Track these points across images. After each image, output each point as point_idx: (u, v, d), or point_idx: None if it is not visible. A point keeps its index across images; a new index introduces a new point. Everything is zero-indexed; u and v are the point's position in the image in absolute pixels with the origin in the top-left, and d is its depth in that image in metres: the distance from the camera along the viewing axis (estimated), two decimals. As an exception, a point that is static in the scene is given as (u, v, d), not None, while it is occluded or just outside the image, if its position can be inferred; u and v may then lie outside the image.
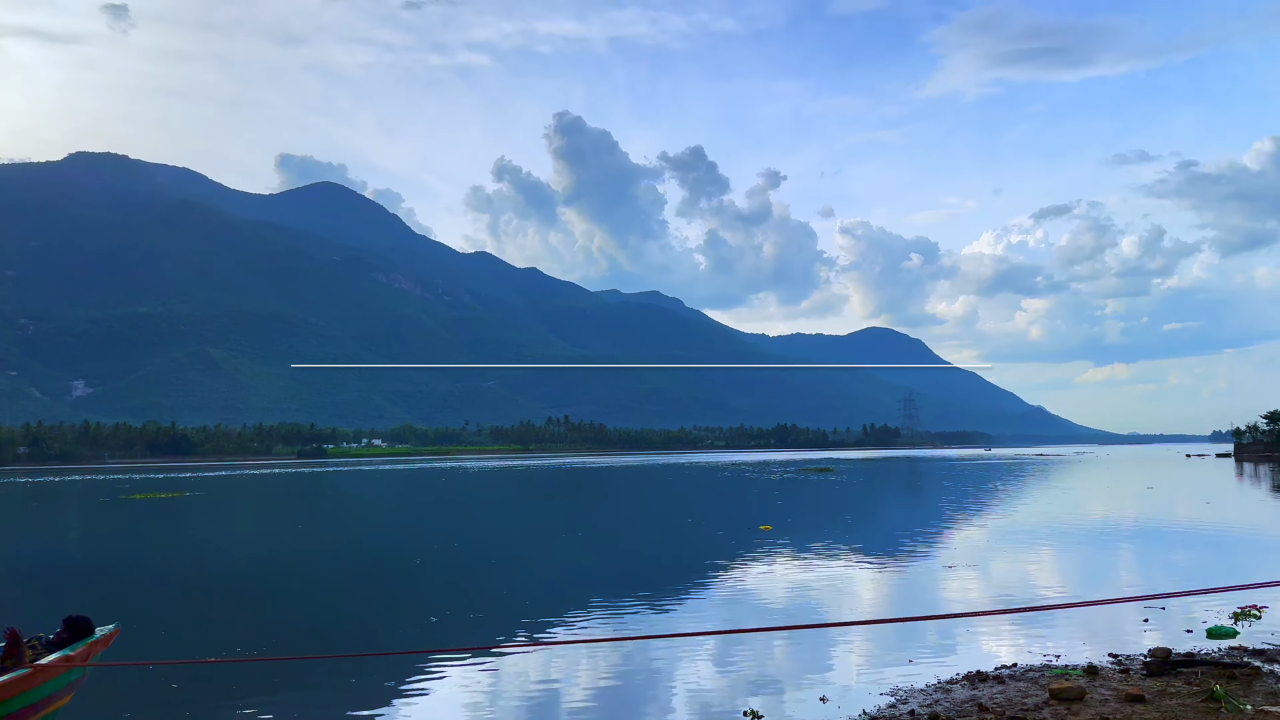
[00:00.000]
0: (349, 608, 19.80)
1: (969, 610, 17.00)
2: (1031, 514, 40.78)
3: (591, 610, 18.13)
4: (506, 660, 14.27)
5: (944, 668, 12.66)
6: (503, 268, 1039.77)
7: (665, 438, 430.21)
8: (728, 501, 55.30)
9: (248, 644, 15.60)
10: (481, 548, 31.59)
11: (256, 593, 22.54)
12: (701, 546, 30.13)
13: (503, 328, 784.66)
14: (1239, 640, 13.85)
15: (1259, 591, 17.64)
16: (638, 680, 12.77)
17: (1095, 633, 14.91)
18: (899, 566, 24.05)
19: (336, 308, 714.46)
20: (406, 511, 53.25)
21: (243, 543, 36.24)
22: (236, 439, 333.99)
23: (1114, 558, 25.47)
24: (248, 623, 18.10)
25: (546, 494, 70.01)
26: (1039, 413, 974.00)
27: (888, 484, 77.13)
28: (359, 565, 27.53)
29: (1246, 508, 43.48)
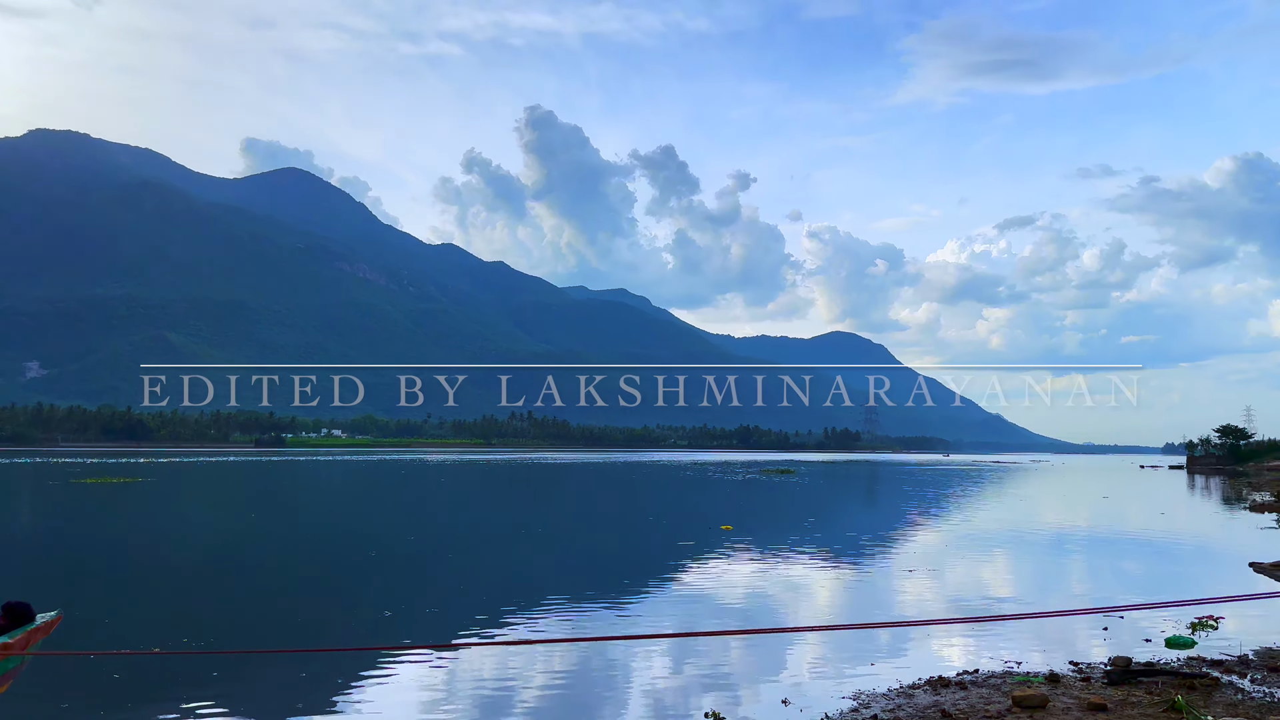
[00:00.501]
0: (301, 599, 19.37)
1: (929, 617, 16.96)
2: (990, 521, 41.07)
3: (550, 608, 17.86)
4: (461, 658, 13.96)
5: (905, 672, 12.54)
6: (469, 260, 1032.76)
7: (628, 435, 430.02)
8: (689, 501, 55.22)
9: (195, 635, 15.15)
10: (439, 542, 31.16)
11: (206, 582, 21.97)
12: (662, 545, 29.95)
13: (468, 321, 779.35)
14: (1197, 650, 13.90)
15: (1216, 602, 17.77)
16: (596, 681, 12.53)
17: (1055, 640, 14.91)
18: (859, 569, 24.02)
19: (299, 295, 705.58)
20: (364, 503, 52.57)
21: (194, 531, 35.47)
22: (193, 425, 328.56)
23: (1072, 566, 25.64)
24: (196, 613, 17.61)
25: (507, 489, 69.53)
26: (997, 420, 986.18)
27: (848, 487, 77.55)
28: (313, 556, 27.03)
29: (1199, 519, 44.13)
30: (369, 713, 11.03)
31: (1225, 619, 16.29)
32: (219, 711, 10.91)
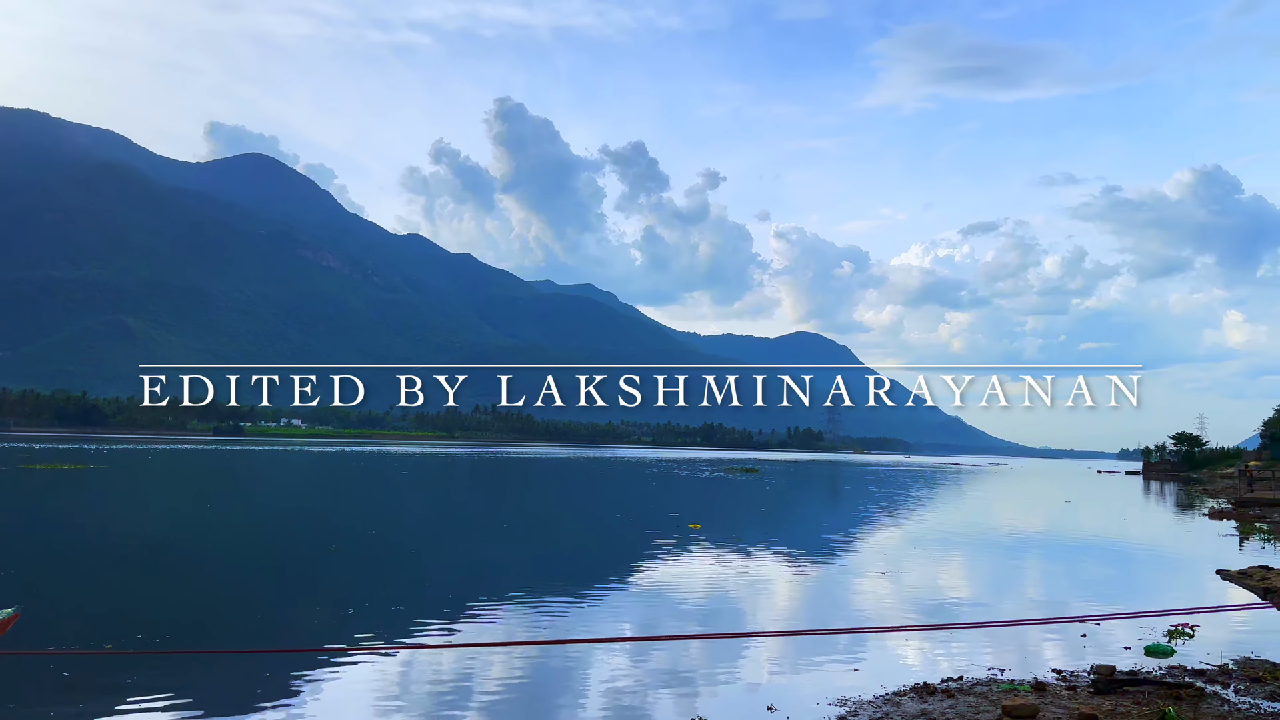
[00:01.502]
0: (259, 594, 18.72)
1: (904, 620, 16.73)
2: (958, 523, 41.16)
3: (516, 607, 17.39)
4: (423, 658, 13.45)
5: (889, 677, 12.24)
6: (436, 251, 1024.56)
7: (592, 431, 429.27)
8: (656, 498, 54.88)
9: (149, 631, 14.49)
10: (400, 536, 30.48)
11: (159, 575, 21.19)
12: (631, 544, 29.54)
13: (432, 313, 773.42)
14: (1177, 659, 13.77)
15: (1190, 610, 17.73)
16: (573, 686, 12.09)
17: (1036, 646, 14.71)
18: (831, 570, 23.80)
19: (261, 283, 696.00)
20: (323, 495, 51.65)
21: (148, 521, 34.45)
22: (150, 413, 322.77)
23: (1044, 570, 25.62)
24: (149, 608, 16.91)
25: (470, 483, 68.79)
26: (956, 423, 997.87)
27: (813, 487, 77.70)
28: (271, 550, 26.28)
29: (1162, 526, 44.62)
30: (328, 714, 10.52)
31: (1201, 627, 16.20)
32: (173, 712, 10.34)
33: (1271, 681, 12.37)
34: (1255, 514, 46.36)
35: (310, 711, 10.60)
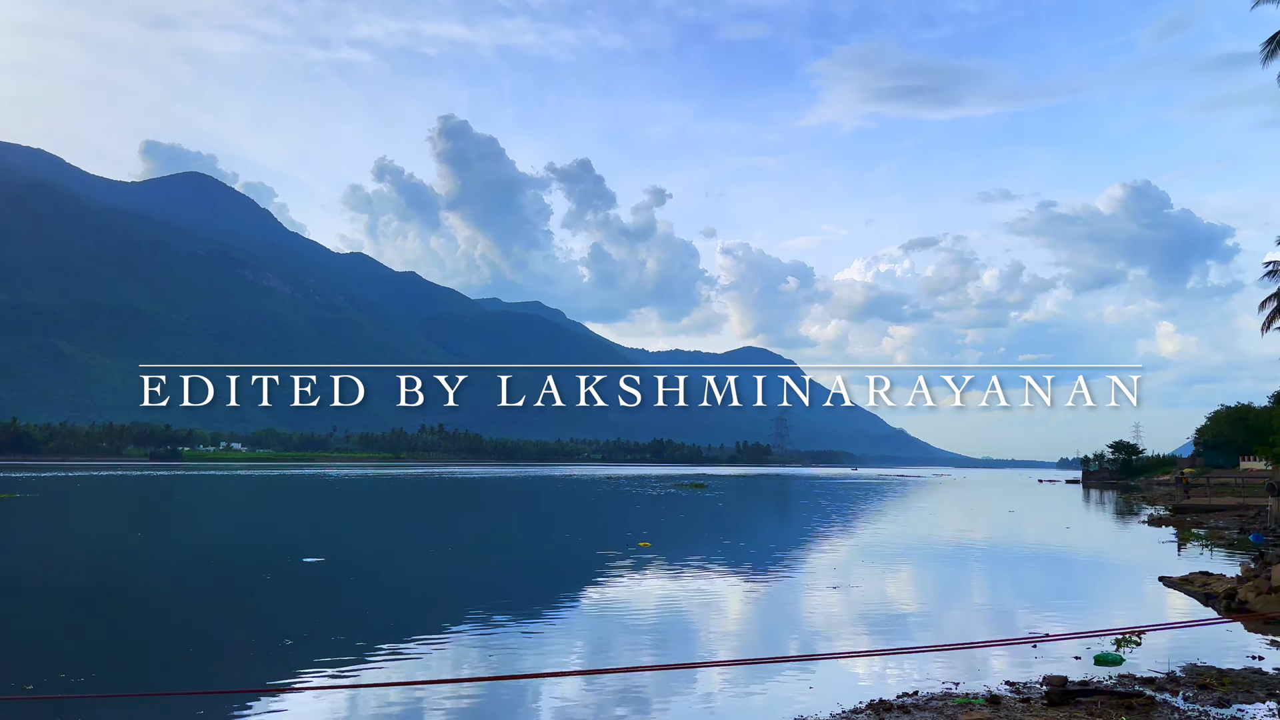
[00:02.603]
0: (191, 629, 17.92)
1: (856, 635, 16.63)
2: (906, 535, 41.43)
3: (462, 634, 16.95)
4: (366, 696, 12.94)
5: (845, 696, 12.06)
6: (380, 270, 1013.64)
7: (542, 449, 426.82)
8: (606, 516, 54.48)
9: (73, 670, 13.78)
10: (340, 563, 29.56)
11: (85, 609, 20.26)
12: (581, 564, 29.15)
13: (377, 332, 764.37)
14: (1126, 668, 13.84)
15: (1138, 616, 17.91)
16: (531, 714, 11.71)
17: (987, 658, 14.67)
18: (785, 586, 23.69)
19: (199, 304, 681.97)
20: (259, 521, 50.36)
21: (74, 551, 33.12)
22: (84, 438, 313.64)
23: (991, 580, 25.80)
24: (72, 646, 16.10)
25: (416, 505, 67.72)
26: (900, 435, 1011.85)
27: (763, 501, 77.87)
28: (203, 580, 25.35)
29: (1104, 533, 45.41)
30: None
31: (1148, 634, 16.32)
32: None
33: (1219, 688, 12.46)
34: (1192, 520, 47.42)
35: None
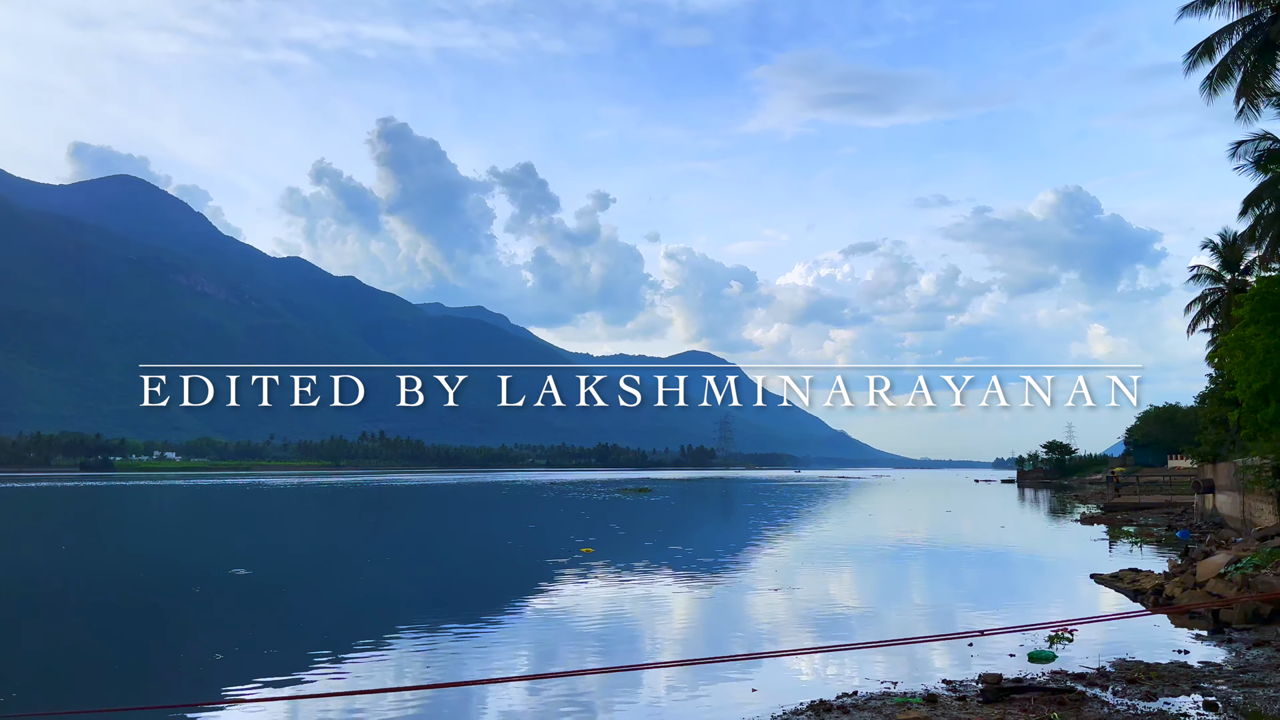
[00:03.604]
0: (116, 645, 17.34)
1: (797, 635, 16.74)
2: (845, 536, 41.90)
3: (404, 644, 16.70)
4: (304, 708, 12.68)
5: (786, 696, 12.12)
6: (318, 275, 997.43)
7: (485, 455, 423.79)
8: (549, 522, 54.20)
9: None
10: (277, 573, 28.99)
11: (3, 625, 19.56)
12: (521, 571, 28.98)
13: (315, 337, 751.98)
14: (1058, 664, 14.11)
15: (1068, 614, 18.31)
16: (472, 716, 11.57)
17: (926, 656, 14.88)
18: (727, 588, 23.78)
19: (130, 310, 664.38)
20: (189, 533, 49.16)
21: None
22: (10, 448, 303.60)
23: (928, 579, 26.19)
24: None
25: (355, 514, 66.70)
26: (842, 437, 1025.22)
27: (705, 504, 78.18)
28: (128, 594, 24.61)
29: (1037, 532, 46.42)
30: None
31: (1080, 630, 16.70)
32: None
33: (1146, 682, 12.78)
34: (1122, 518, 48.72)
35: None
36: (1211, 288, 57.52)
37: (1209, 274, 57.32)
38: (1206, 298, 57.99)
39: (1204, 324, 58.38)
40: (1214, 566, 21.46)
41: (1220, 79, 32.47)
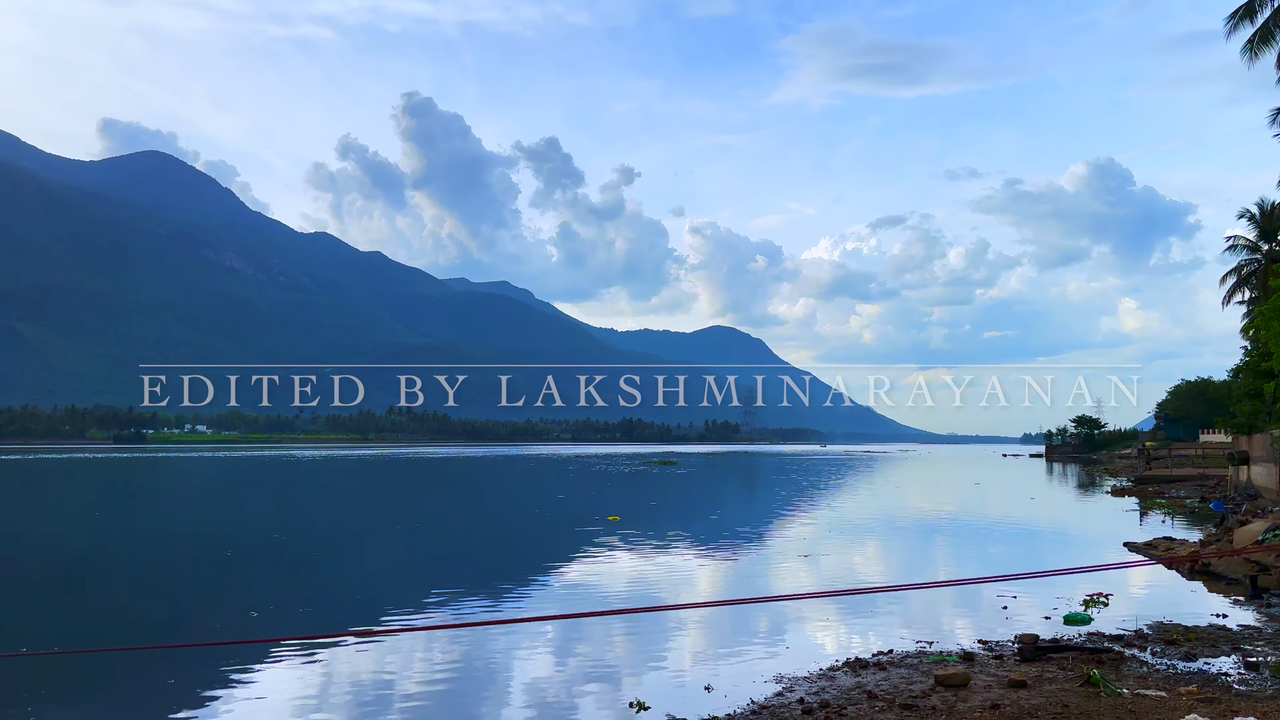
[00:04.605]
0: (155, 603, 17.66)
1: (844, 605, 16.73)
2: (874, 507, 41.82)
3: (435, 602, 16.87)
4: (340, 653, 12.86)
5: (821, 653, 12.20)
6: (344, 250, 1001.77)
7: (511, 429, 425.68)
8: (576, 493, 54.48)
9: (35, 643, 13.58)
10: (306, 541, 29.27)
11: (43, 588, 19.90)
12: (551, 538, 29.18)
13: (342, 313, 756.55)
14: (1094, 626, 14.05)
15: (1104, 580, 18.21)
16: (505, 672, 11.66)
17: (959, 618, 14.87)
18: (753, 555, 23.83)
19: (160, 285, 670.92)
20: (226, 501, 49.85)
21: (33, 532, 32.59)
22: (46, 421, 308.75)
23: (961, 548, 26.11)
24: (34, 618, 15.88)
25: (384, 485, 67.36)
26: (867, 412, 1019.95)
27: (732, 477, 78.26)
28: (166, 557, 25.00)
29: (1068, 504, 46.13)
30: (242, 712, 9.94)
31: (1114, 595, 16.61)
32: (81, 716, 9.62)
33: (1185, 643, 12.70)
34: (1154, 490, 48.29)
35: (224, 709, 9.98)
36: (1248, 259, 56.60)
37: (1245, 244, 56.39)
38: (1243, 269, 57.08)
39: (1239, 296, 57.49)
40: (1251, 534, 21.26)
41: (1262, 42, 31.81)
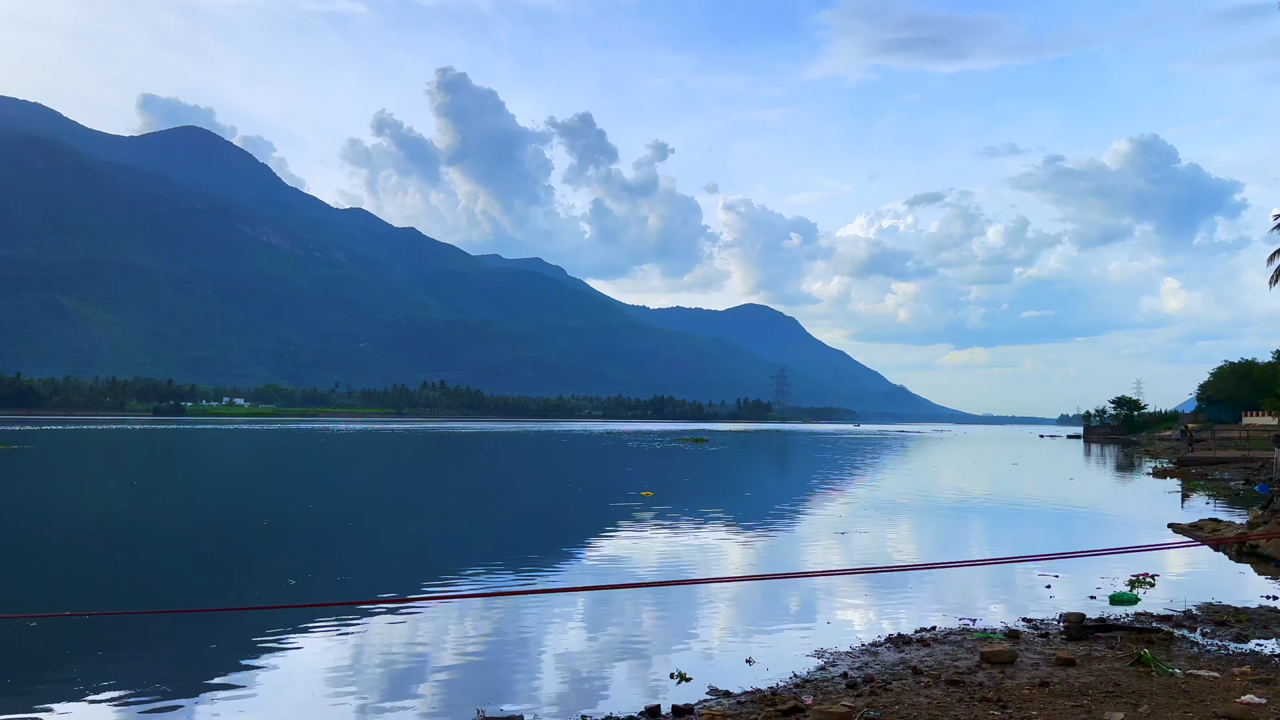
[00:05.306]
0: (194, 570, 17.82)
1: (884, 580, 16.55)
2: (911, 485, 41.48)
3: (472, 572, 16.91)
4: (378, 618, 12.88)
5: (864, 629, 12.06)
6: (379, 226, 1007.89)
7: (543, 405, 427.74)
8: (608, 469, 54.55)
9: (80, 605, 13.77)
10: (342, 512, 29.39)
11: (84, 554, 20.12)
12: (585, 512, 29.22)
13: (377, 288, 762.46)
14: (1141, 607, 13.78)
15: (1148, 561, 17.88)
16: (545, 642, 11.62)
17: (1002, 597, 14.64)
18: (789, 529, 23.70)
19: (198, 259, 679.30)
20: (264, 472, 50.46)
21: (73, 500, 33.13)
22: (87, 393, 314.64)
23: (1002, 528, 25.81)
24: (77, 582, 16.07)
25: (419, 458, 67.88)
26: (901, 392, 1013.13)
27: (764, 455, 78.02)
28: (204, 526, 25.25)
29: (1109, 485, 45.52)
30: (278, 674, 9.99)
31: (1159, 577, 16.30)
32: (120, 674, 9.70)
33: (1235, 625, 12.41)
34: (1196, 472, 47.44)
35: (260, 671, 10.03)
36: (1298, 237, 55.25)
37: (1295, 223, 55.03)
38: (1292, 247, 55.75)
39: (1289, 275, 56.20)
40: (1302, 516, 20.76)
41: (1320, 11, 30.73)
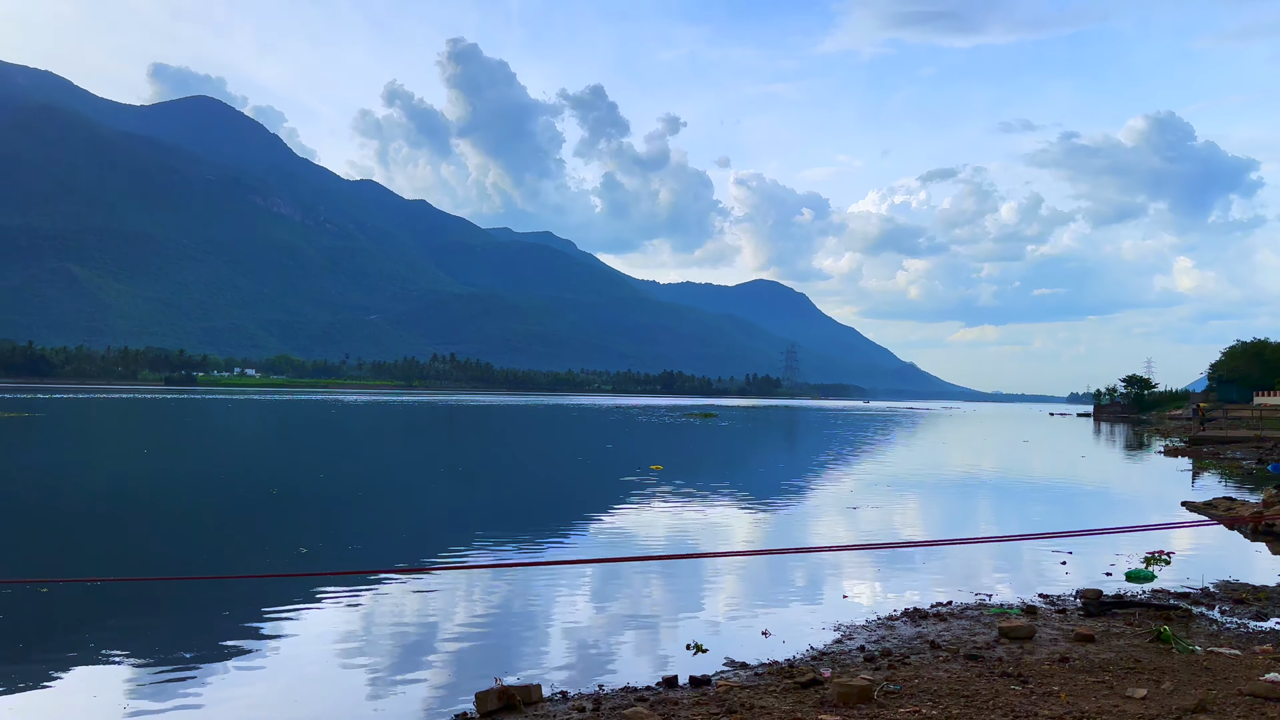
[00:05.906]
0: (205, 539, 17.84)
1: (898, 556, 16.47)
2: (922, 462, 41.35)
3: (481, 542, 16.88)
4: (388, 587, 12.85)
5: (876, 604, 11.97)
6: (390, 198, 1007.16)
7: (552, 379, 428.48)
8: (618, 443, 54.57)
9: (93, 570, 13.79)
10: (353, 482, 29.36)
11: (94, 521, 20.14)
12: (595, 485, 29.18)
13: (387, 260, 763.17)
14: (1158, 584, 13.67)
15: (1163, 539, 17.76)
16: (558, 613, 11.58)
17: (1018, 573, 14.55)
18: (799, 504, 23.63)
19: (210, 229, 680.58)
20: (274, 443, 50.62)
21: (81, 468, 33.24)
22: (99, 362, 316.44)
23: (1015, 505, 25.67)
24: (88, 549, 16.12)
25: (428, 430, 68.03)
26: (910, 369, 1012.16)
27: (774, 430, 77.96)
28: (209, 494, 25.30)
29: (1121, 463, 45.32)
30: (288, 640, 9.97)
31: (1175, 554, 16.17)
32: (133, 640, 9.69)
33: (1254, 603, 12.30)
34: (1208, 451, 47.18)
35: (271, 638, 10.01)
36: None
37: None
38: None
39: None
40: (1320, 496, 20.59)
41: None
